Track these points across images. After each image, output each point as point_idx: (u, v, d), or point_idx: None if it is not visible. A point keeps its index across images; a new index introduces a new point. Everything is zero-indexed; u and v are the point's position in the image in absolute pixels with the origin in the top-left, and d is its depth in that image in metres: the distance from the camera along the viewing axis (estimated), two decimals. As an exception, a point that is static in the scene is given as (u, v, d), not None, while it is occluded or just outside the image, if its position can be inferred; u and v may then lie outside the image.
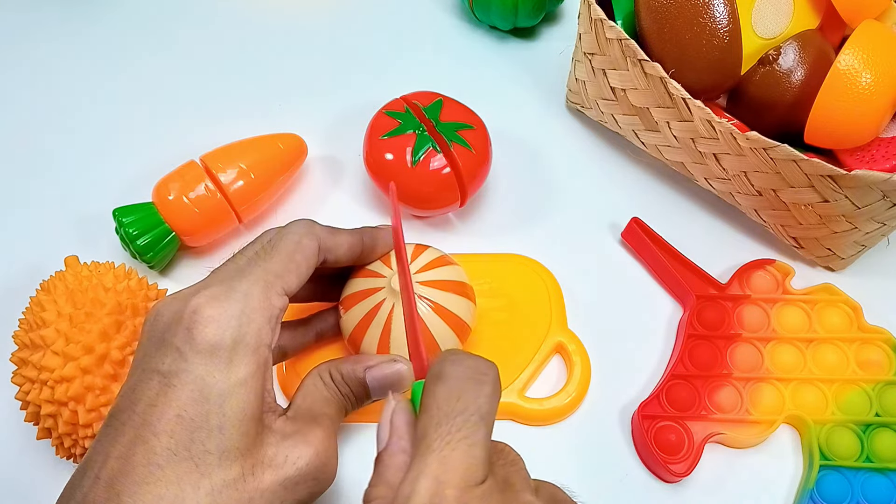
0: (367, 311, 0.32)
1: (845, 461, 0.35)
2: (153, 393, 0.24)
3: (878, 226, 0.37)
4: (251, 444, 0.25)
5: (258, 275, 0.27)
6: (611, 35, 0.39)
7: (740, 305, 0.39)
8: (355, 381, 0.29)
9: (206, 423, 0.24)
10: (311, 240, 0.29)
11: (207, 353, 0.24)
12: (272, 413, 0.27)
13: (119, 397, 0.25)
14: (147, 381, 0.25)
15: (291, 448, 0.26)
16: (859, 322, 0.38)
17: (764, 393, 0.36)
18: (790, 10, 0.41)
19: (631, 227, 0.41)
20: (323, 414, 0.28)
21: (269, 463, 0.25)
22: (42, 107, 0.49)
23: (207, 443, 0.24)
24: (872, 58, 0.36)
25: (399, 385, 0.30)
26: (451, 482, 0.20)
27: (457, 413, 0.21)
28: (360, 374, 0.29)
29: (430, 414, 0.21)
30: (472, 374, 0.22)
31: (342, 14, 0.54)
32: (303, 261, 0.28)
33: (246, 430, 0.24)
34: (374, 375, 0.29)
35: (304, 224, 0.30)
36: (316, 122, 0.47)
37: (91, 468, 0.24)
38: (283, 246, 0.28)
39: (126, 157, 0.46)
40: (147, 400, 0.24)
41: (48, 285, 0.33)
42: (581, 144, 0.47)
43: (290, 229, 0.29)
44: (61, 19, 0.53)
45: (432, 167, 0.39)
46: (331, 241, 0.30)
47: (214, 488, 0.23)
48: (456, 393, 0.21)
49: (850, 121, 0.36)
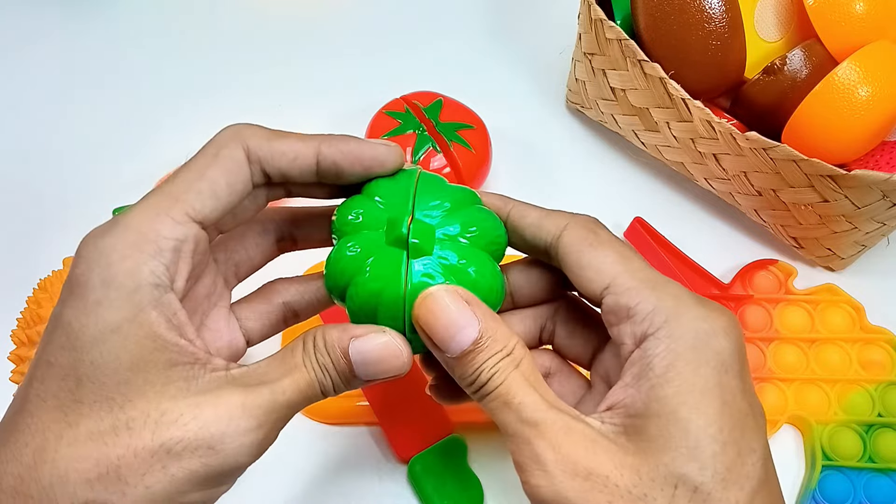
0: None
1: (848, 461, 0.34)
2: (42, 340, 0.22)
3: (878, 226, 0.37)
4: (132, 395, 0.21)
5: (150, 201, 0.22)
6: (611, 35, 0.39)
7: (743, 305, 0.39)
8: (338, 353, 0.23)
9: (74, 372, 0.21)
10: (233, 149, 0.23)
11: (77, 297, 0.21)
12: (195, 364, 0.22)
13: None
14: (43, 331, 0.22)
15: (191, 407, 0.21)
16: (861, 322, 0.38)
17: (766, 393, 0.36)
18: (792, 11, 0.41)
19: (633, 227, 0.41)
20: (273, 382, 0.22)
21: (156, 419, 0.21)
22: (42, 107, 0.49)
23: (77, 392, 0.21)
24: (872, 75, 0.35)
25: (387, 364, 0.24)
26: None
27: None
28: (344, 344, 0.23)
29: None
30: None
31: (342, 14, 0.54)
32: (219, 176, 0.23)
33: (124, 379, 0.21)
34: (358, 348, 0.23)
35: (230, 130, 0.24)
36: (316, 122, 0.47)
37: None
38: (193, 162, 0.23)
39: (126, 157, 0.46)
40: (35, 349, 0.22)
41: (46, 283, 0.33)
42: (581, 144, 0.47)
43: (210, 140, 0.24)
44: (61, 19, 0.53)
45: (432, 167, 0.39)
46: (266, 149, 0.23)
47: (78, 439, 0.20)
48: None
49: (833, 132, 0.36)
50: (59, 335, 0.21)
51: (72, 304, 0.21)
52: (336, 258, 0.24)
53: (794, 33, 0.41)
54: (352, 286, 0.24)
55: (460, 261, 0.23)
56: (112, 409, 0.21)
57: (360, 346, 0.23)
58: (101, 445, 0.20)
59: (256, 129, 0.24)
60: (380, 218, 0.24)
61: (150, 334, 0.21)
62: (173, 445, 0.21)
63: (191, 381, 0.22)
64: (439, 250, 0.23)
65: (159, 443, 0.21)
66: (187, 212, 0.22)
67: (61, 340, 0.21)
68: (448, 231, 0.24)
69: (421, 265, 0.23)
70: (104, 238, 0.22)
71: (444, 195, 0.24)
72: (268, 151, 0.24)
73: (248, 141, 0.23)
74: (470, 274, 0.23)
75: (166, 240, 0.22)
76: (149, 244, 0.21)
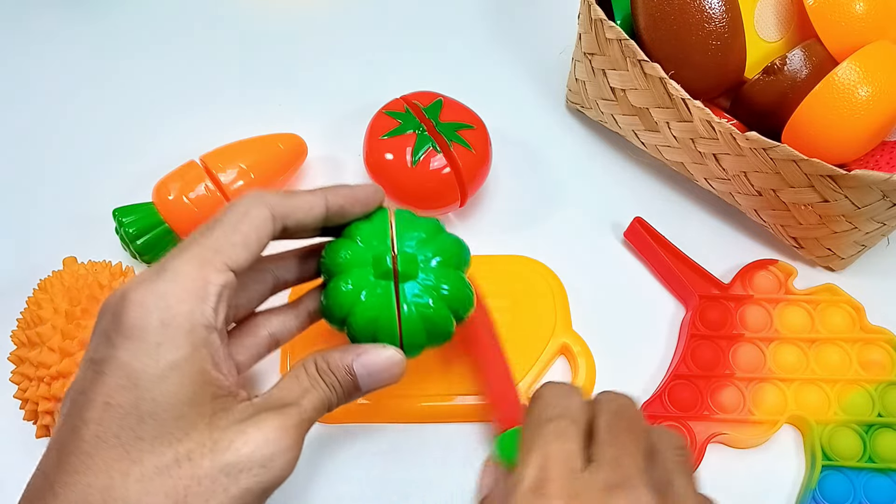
0: None
1: (847, 461, 0.34)
2: (86, 382, 0.24)
3: (878, 226, 0.37)
4: (189, 428, 0.24)
5: (193, 252, 0.25)
6: (611, 35, 0.39)
7: (743, 305, 0.39)
8: (342, 371, 0.27)
9: (136, 410, 0.23)
10: (259, 209, 0.27)
11: (134, 338, 0.23)
12: (229, 397, 0.25)
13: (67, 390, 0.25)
14: (83, 371, 0.24)
15: (239, 433, 0.24)
16: (861, 322, 0.38)
17: (766, 393, 0.36)
18: (792, 11, 0.41)
19: (634, 226, 0.41)
20: (293, 404, 0.26)
21: (210, 447, 0.24)
22: (42, 107, 0.49)
23: (138, 429, 0.23)
24: (872, 75, 0.35)
25: (389, 375, 0.28)
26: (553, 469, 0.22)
27: (552, 418, 0.24)
28: (347, 363, 0.27)
29: (529, 423, 0.24)
30: (562, 390, 0.26)
31: (342, 14, 0.54)
32: (250, 231, 0.26)
33: (181, 414, 0.23)
34: (363, 363, 0.27)
35: (252, 194, 0.28)
36: (316, 122, 0.47)
37: (39, 462, 0.24)
38: (226, 218, 0.26)
39: (126, 157, 0.46)
40: (79, 389, 0.24)
41: (45, 284, 0.33)
42: (581, 144, 0.47)
43: (236, 202, 0.27)
44: (61, 20, 0.53)
45: (432, 167, 0.39)
46: (285, 206, 0.28)
47: (145, 475, 0.22)
48: (552, 402, 0.25)
49: (833, 132, 0.36)
50: (118, 376, 0.23)
51: (128, 347, 0.23)
52: (333, 295, 0.28)
53: (794, 33, 0.41)
54: (350, 316, 0.28)
55: (437, 281, 0.29)
56: (171, 444, 0.23)
57: (365, 362, 0.27)
58: (167, 478, 0.23)
59: (273, 192, 0.28)
60: (364, 256, 0.29)
61: (200, 370, 0.24)
62: (230, 469, 0.24)
63: (228, 411, 0.25)
64: (422, 273, 0.29)
65: (218, 468, 0.23)
66: (226, 262, 0.25)
67: (121, 381, 0.23)
68: (426, 256, 0.29)
69: (410, 288, 0.28)
70: (158, 284, 0.24)
71: (417, 227, 0.30)
72: (288, 208, 0.28)
73: (270, 201, 0.27)
74: (445, 291, 0.29)
75: (213, 286, 0.25)
76: (200, 290, 0.25)
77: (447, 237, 0.30)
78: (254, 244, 0.26)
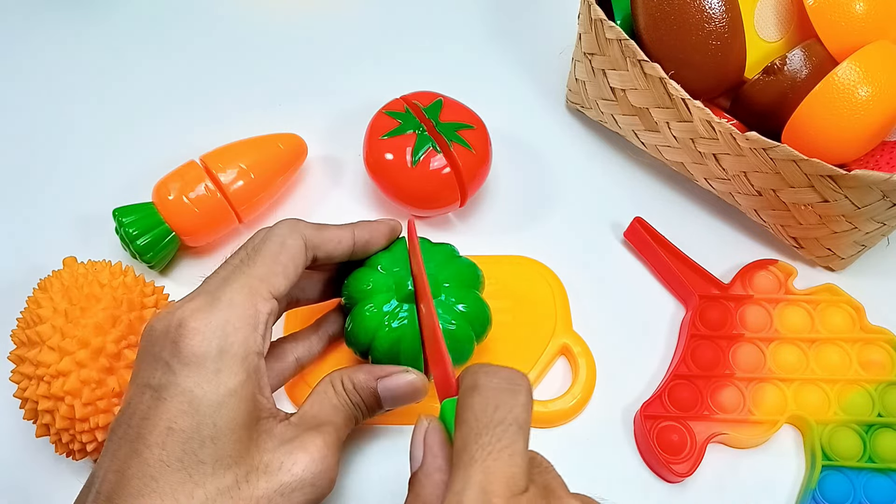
0: None
1: (847, 461, 0.34)
2: (145, 407, 0.25)
3: (878, 226, 0.37)
4: (244, 451, 0.25)
5: (242, 281, 0.27)
6: (611, 35, 0.39)
7: (743, 305, 0.39)
8: (367, 392, 0.29)
9: (198, 434, 0.24)
10: (295, 239, 0.29)
11: (194, 365, 0.25)
12: (272, 419, 0.27)
13: (118, 413, 0.26)
14: (140, 395, 0.25)
15: (288, 454, 0.26)
16: (861, 322, 0.38)
17: (766, 393, 0.36)
18: (792, 11, 0.41)
19: (634, 226, 0.41)
20: (328, 422, 0.28)
21: (264, 469, 0.25)
22: (42, 107, 0.49)
23: (200, 453, 0.24)
24: (872, 75, 0.35)
25: (411, 396, 0.30)
26: (497, 492, 0.20)
27: (496, 423, 0.21)
28: (372, 385, 0.29)
29: (470, 426, 0.22)
30: (506, 384, 0.22)
31: (342, 14, 0.54)
32: (289, 261, 0.28)
33: (238, 437, 0.25)
34: (387, 386, 0.29)
35: (288, 224, 0.29)
36: (316, 122, 0.47)
37: (93, 484, 0.24)
38: (266, 249, 0.28)
39: (126, 157, 0.46)
40: (140, 414, 0.25)
41: (45, 284, 0.33)
42: (581, 144, 0.47)
43: (273, 231, 0.29)
44: (61, 20, 0.53)
45: (432, 167, 0.39)
46: (318, 238, 0.30)
47: (209, 497, 0.24)
48: (493, 403, 0.22)
49: (833, 132, 0.36)
50: (180, 401, 0.24)
51: (189, 374, 0.24)
52: (359, 319, 0.30)
53: (794, 33, 0.41)
54: (376, 339, 0.30)
55: (457, 301, 0.31)
56: (230, 466, 0.24)
57: (388, 384, 0.29)
58: (229, 500, 0.24)
59: (306, 222, 0.30)
60: (386, 283, 0.31)
61: (251, 395, 0.25)
62: (284, 489, 0.25)
63: (272, 432, 0.26)
64: (442, 294, 0.31)
65: (273, 489, 0.25)
66: (270, 290, 0.27)
67: (183, 407, 0.24)
68: (444, 278, 0.31)
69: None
70: (214, 313, 0.26)
71: (434, 253, 0.32)
72: (320, 240, 0.30)
73: (304, 232, 0.29)
74: (464, 309, 0.31)
75: (262, 314, 0.27)
76: (251, 318, 0.26)
77: (462, 261, 0.33)
78: (292, 273, 0.28)
